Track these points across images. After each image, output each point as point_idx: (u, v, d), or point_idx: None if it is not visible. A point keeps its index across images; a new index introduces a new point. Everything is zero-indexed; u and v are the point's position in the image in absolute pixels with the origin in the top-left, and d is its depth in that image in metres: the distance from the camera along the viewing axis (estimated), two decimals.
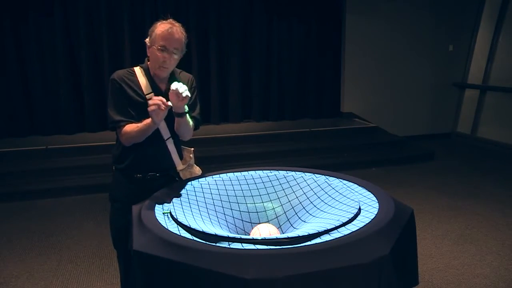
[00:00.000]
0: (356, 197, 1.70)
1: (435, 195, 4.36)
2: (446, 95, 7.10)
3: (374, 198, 1.70)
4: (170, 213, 1.59)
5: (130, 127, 1.82)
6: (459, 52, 6.96)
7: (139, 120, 1.82)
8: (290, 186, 1.98)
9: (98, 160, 4.87)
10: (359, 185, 1.86)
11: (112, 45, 5.74)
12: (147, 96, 1.84)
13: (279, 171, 2.10)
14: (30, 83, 5.54)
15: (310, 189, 1.91)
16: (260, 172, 2.11)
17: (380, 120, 6.49)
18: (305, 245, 1.33)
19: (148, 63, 1.91)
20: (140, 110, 1.82)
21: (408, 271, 1.57)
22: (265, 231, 1.62)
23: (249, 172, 2.11)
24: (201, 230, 1.41)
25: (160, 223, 1.50)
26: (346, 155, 5.53)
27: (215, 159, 5.07)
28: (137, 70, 1.91)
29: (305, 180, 1.97)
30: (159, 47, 1.81)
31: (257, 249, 1.32)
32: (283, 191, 1.97)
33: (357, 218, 1.52)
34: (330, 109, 6.78)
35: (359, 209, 1.59)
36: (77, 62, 5.66)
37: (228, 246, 1.34)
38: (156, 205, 1.69)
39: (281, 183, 2.01)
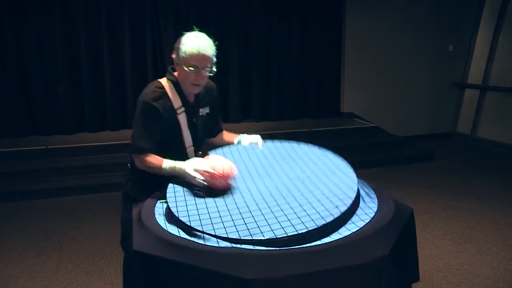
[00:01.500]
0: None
1: (435, 195, 4.36)
2: (446, 95, 7.10)
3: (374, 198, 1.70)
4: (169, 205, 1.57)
5: (155, 160, 1.78)
6: (459, 52, 6.96)
7: (168, 137, 1.82)
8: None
9: (98, 160, 4.87)
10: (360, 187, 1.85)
11: (112, 44, 5.73)
12: (177, 111, 1.83)
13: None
14: (30, 83, 5.53)
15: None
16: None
17: (380, 120, 6.48)
18: (305, 245, 1.33)
19: (176, 74, 1.86)
20: (171, 126, 1.82)
21: (408, 270, 1.57)
22: (218, 165, 1.63)
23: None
24: (201, 230, 1.40)
25: (160, 223, 1.50)
26: (346, 155, 5.52)
27: None
28: (165, 84, 1.84)
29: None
30: (190, 68, 1.75)
31: (257, 249, 1.32)
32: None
33: (356, 219, 1.52)
34: (330, 109, 6.78)
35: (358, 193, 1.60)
36: (77, 62, 5.66)
37: (228, 246, 1.34)
38: (156, 205, 1.69)
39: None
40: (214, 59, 1.83)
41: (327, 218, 1.41)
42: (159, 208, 1.67)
